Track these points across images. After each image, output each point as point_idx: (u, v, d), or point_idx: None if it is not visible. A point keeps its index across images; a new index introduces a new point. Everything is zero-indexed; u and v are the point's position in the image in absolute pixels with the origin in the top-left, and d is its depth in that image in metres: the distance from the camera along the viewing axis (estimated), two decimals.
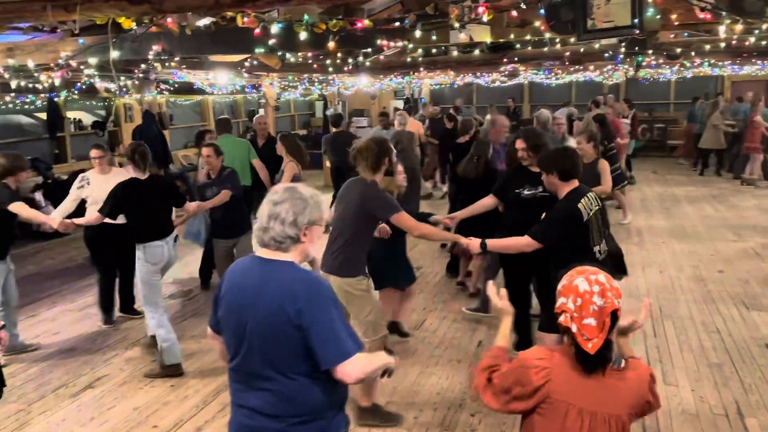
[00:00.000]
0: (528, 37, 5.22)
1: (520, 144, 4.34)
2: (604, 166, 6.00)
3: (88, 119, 11.43)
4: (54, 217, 4.87)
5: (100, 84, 7.21)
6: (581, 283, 1.86)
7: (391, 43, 3.75)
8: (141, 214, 4.69)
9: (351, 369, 2.01)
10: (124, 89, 7.72)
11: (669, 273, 6.84)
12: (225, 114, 15.24)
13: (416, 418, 3.99)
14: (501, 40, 5.71)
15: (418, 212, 4.60)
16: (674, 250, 7.74)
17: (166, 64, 5.55)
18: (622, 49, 6.78)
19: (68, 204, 5.39)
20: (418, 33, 3.12)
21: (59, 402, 4.35)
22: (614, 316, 1.86)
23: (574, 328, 1.83)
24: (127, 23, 1.65)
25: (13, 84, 6.09)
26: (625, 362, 1.91)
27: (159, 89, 7.99)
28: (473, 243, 3.66)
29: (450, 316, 5.65)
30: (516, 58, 7.67)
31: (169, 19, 1.84)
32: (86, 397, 4.42)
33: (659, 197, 11.23)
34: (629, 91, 16.75)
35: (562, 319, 1.86)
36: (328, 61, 5.48)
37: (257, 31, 2.42)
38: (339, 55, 5.25)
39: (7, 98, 9.09)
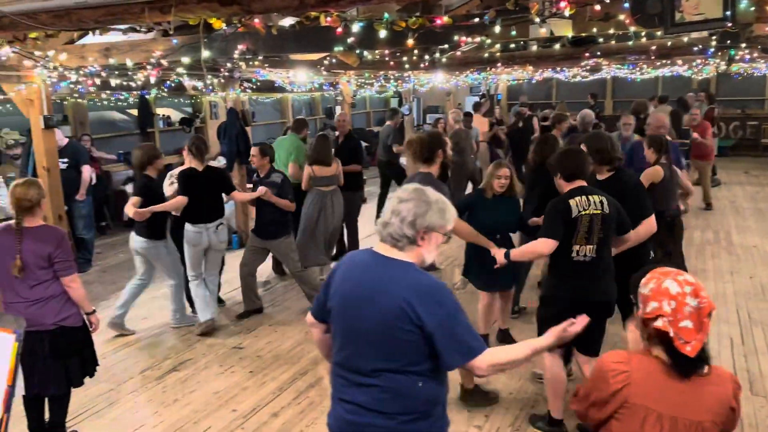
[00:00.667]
0: (612, 31, 5.06)
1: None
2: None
3: (176, 116, 12.00)
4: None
5: (188, 82, 7.57)
6: (671, 285, 1.80)
7: (468, 39, 3.74)
8: (192, 200, 5.22)
9: (482, 367, 2.04)
10: (210, 87, 8.05)
11: (760, 278, 6.46)
12: (303, 111, 15.66)
13: (487, 416, 3.98)
14: (583, 35, 5.56)
15: None
16: (766, 255, 7.30)
17: (250, 63, 5.75)
18: (713, 43, 6.44)
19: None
20: (497, 29, 3.10)
21: (146, 383, 4.62)
22: (709, 316, 1.80)
23: (671, 332, 1.78)
24: (218, 23, 1.75)
25: (112, 82, 6.48)
26: (708, 367, 1.84)
27: (242, 87, 8.29)
28: (498, 253, 3.74)
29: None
30: (599, 53, 7.44)
31: (256, 20, 1.92)
32: (171, 379, 4.67)
33: (751, 198, 10.60)
34: (720, 87, 15.85)
35: (659, 324, 1.80)
36: (404, 58, 5.51)
37: (339, 30, 2.48)
38: (416, 51, 5.27)
39: (103, 95, 9.67)
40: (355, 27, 2.54)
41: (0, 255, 3.45)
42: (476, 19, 3.24)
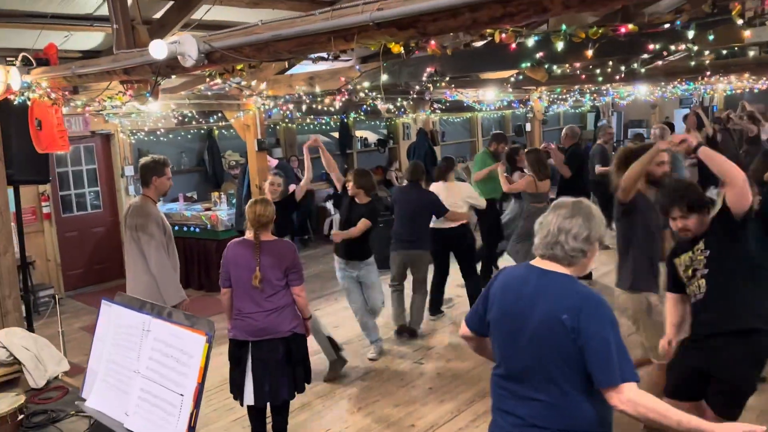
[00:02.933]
0: None
1: None
2: None
3: (372, 137, 12.70)
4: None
5: (382, 105, 7.97)
6: None
7: (656, 47, 3.40)
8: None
9: (620, 399, 1.94)
10: (402, 109, 8.39)
11: None
12: (493, 129, 15.59)
13: None
14: None
15: None
16: None
17: (437, 84, 5.88)
18: None
19: None
20: (690, 34, 2.77)
21: (335, 389, 4.89)
22: None
23: None
24: (396, 48, 1.82)
25: (315, 107, 7.06)
26: None
27: (432, 108, 8.51)
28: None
29: None
30: None
31: (432, 42, 1.97)
32: (357, 387, 4.89)
33: None
34: None
35: None
36: (597, 71, 5.21)
37: (513, 46, 2.42)
38: (610, 63, 4.96)
39: (309, 120, 10.58)
40: (531, 41, 2.45)
41: (240, 267, 3.75)
42: (666, 26, 2.94)
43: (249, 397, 3.73)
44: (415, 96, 7.68)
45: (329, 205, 10.47)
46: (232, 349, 3.86)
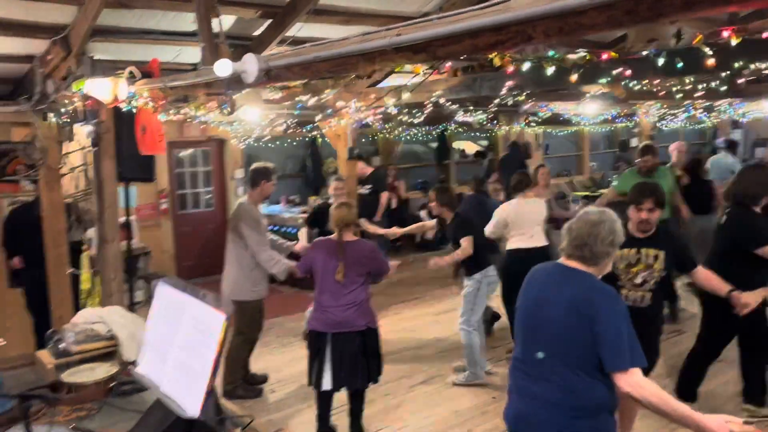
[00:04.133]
0: None
1: None
2: None
3: (471, 149, 12.77)
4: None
5: (472, 118, 8.05)
6: None
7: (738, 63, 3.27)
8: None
9: (627, 381, 2.19)
10: (495, 122, 8.43)
11: None
12: (601, 144, 15.06)
13: None
14: None
15: None
16: None
17: (524, 97, 5.90)
18: None
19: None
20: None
21: (398, 389, 5.08)
22: None
23: None
24: (417, 69, 1.99)
25: (403, 119, 7.32)
26: None
27: (527, 121, 8.48)
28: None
29: None
30: None
31: (447, 65, 2.11)
32: (420, 390, 5.05)
33: None
34: None
35: None
36: (674, 88, 4.98)
37: (509, 69, 2.51)
38: (690, 80, 4.75)
39: (399, 130, 10.85)
40: (525, 66, 2.53)
41: (324, 264, 4.14)
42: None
43: (327, 383, 4.07)
44: (508, 109, 7.70)
45: (423, 213, 10.68)
46: (311, 339, 4.21)
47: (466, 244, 4.92)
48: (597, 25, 1.45)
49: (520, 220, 5.50)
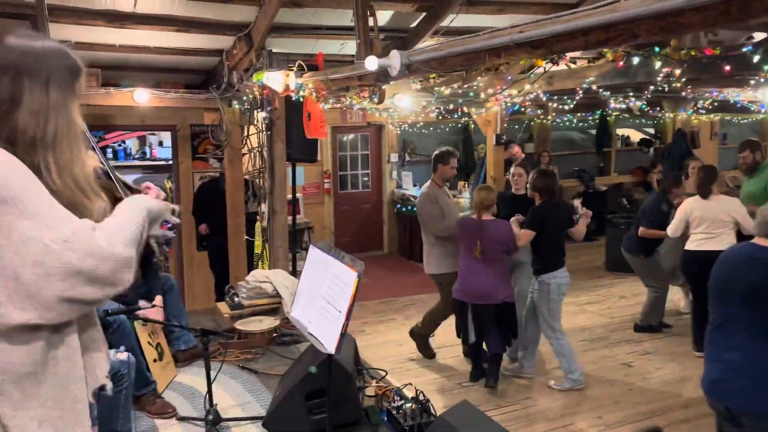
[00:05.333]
0: None
1: None
2: None
3: (636, 136, 12.15)
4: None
5: (633, 104, 7.73)
6: None
7: None
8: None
9: None
10: (657, 108, 8.02)
11: None
12: None
13: None
14: None
15: None
16: None
17: (671, 84, 5.62)
18: None
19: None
20: None
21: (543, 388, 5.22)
22: None
23: None
24: (539, 62, 2.14)
25: (565, 105, 7.26)
26: None
27: (695, 108, 7.95)
28: None
29: None
30: None
31: (566, 56, 2.22)
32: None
33: None
34: None
35: None
36: None
37: (621, 63, 2.52)
38: None
39: (566, 117, 10.64)
40: (635, 60, 2.52)
41: (466, 240, 4.74)
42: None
43: (472, 336, 4.75)
44: (668, 95, 7.32)
45: (577, 202, 10.42)
46: (456, 305, 4.84)
47: (524, 235, 4.70)
48: (694, 25, 1.57)
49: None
